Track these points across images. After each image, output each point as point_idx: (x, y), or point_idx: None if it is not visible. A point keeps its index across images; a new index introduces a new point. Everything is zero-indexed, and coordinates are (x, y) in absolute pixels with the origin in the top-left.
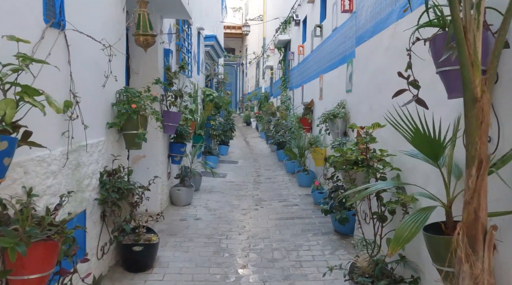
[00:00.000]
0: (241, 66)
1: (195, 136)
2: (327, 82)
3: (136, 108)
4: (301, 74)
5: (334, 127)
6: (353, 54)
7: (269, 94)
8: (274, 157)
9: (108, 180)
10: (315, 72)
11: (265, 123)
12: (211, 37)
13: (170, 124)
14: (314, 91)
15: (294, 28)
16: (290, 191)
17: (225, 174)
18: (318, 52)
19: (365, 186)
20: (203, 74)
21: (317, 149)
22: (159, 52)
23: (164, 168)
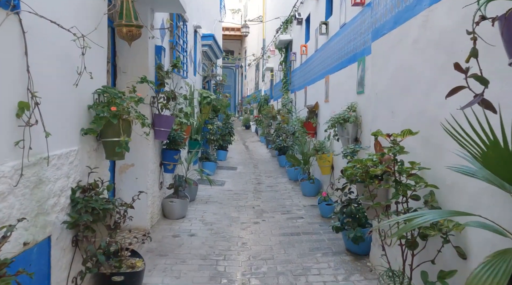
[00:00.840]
0: (240, 69)
1: (191, 141)
2: (334, 84)
3: (117, 111)
4: (304, 76)
5: (344, 132)
6: (365, 52)
7: (269, 97)
8: (275, 162)
9: (82, 197)
10: (320, 73)
11: (265, 127)
12: (208, 36)
13: (161, 130)
14: (319, 94)
15: (296, 28)
16: (293, 201)
17: (224, 182)
18: (323, 51)
19: (406, 217)
20: (200, 76)
21: (324, 156)
22: (149, 49)
23: (155, 178)
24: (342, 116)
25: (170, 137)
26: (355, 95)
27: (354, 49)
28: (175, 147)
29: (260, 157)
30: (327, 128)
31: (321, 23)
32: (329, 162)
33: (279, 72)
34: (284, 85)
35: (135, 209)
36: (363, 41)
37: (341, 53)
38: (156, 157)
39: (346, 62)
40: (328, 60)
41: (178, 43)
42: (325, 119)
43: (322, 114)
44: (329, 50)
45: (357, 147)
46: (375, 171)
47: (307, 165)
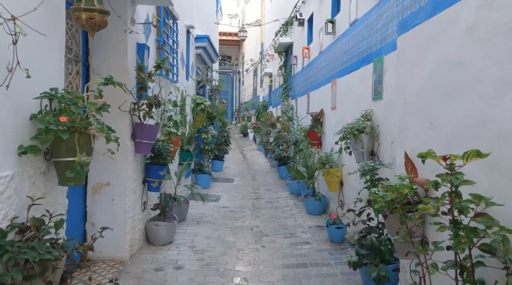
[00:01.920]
0: (237, 75)
1: (183, 152)
2: (343, 89)
3: (69, 123)
4: (306, 80)
5: (358, 145)
6: (383, 51)
7: (268, 103)
8: (274, 173)
9: (18, 241)
10: (325, 77)
11: (264, 135)
12: (203, 37)
13: (144, 142)
14: (324, 100)
15: (297, 29)
16: (297, 220)
17: (219, 197)
18: (329, 53)
19: None
20: (193, 80)
21: (332, 171)
22: (129, 47)
23: (136, 198)
24: (356, 127)
25: (155, 151)
26: (370, 102)
27: (368, 48)
28: (161, 161)
29: (258, 167)
30: (338, 140)
31: (327, 21)
32: (338, 178)
33: (278, 77)
34: (284, 91)
35: (111, 237)
36: (381, 38)
37: (351, 54)
38: (138, 173)
39: (357, 64)
40: (335, 62)
41: (167, 43)
42: (331, 128)
43: (328, 123)
44: (336, 52)
45: (377, 164)
46: (426, 209)
47: (311, 179)
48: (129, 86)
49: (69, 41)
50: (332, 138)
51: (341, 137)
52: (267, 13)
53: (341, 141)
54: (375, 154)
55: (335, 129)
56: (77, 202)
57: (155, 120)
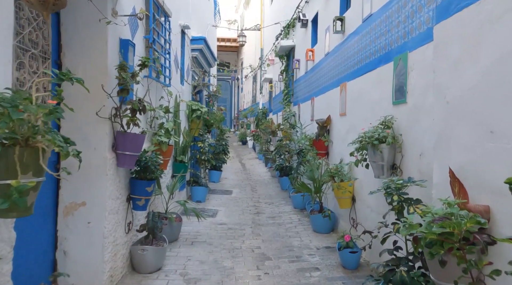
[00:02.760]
0: (236, 81)
1: (176, 164)
2: (355, 92)
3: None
4: (310, 85)
5: (377, 157)
6: (406, 47)
7: (268, 110)
8: (275, 184)
9: None
10: (333, 80)
11: (264, 144)
12: (199, 39)
13: (126, 154)
14: (332, 105)
15: (299, 31)
16: (303, 240)
17: (216, 211)
18: (337, 54)
19: None
20: (189, 85)
21: (343, 185)
22: (110, 43)
23: (118, 219)
24: (375, 136)
25: (141, 163)
26: (390, 107)
27: (386, 45)
28: (148, 176)
29: (258, 178)
30: (354, 151)
31: (335, 19)
32: (350, 193)
33: (279, 83)
34: (286, 97)
35: (87, 266)
36: (404, 32)
37: (364, 54)
38: (121, 190)
39: (372, 64)
40: (345, 64)
41: (157, 41)
42: (340, 137)
43: (337, 131)
44: (346, 52)
45: (406, 181)
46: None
47: (319, 193)
48: (109, 88)
49: (33, 34)
50: (341, 148)
51: (358, 148)
52: (267, 17)
53: (357, 152)
54: (397, 167)
55: (345, 138)
56: (45, 225)
57: (142, 128)
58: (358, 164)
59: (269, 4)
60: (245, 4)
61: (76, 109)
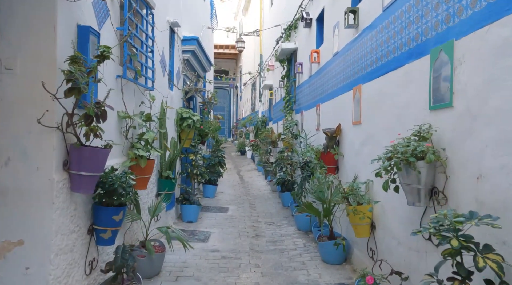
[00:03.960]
0: (235, 89)
1: (162, 180)
2: (373, 96)
3: None
4: (315, 90)
5: (411, 179)
6: (450, 34)
7: (268, 118)
8: (276, 200)
9: None
10: (344, 83)
11: (263, 154)
12: (191, 39)
13: (83, 175)
14: (342, 112)
15: (302, 32)
16: (310, 274)
17: (208, 234)
18: (349, 53)
19: None
20: (179, 90)
21: (361, 209)
22: (60, 28)
23: (74, 259)
24: (409, 151)
25: (106, 185)
26: (425, 113)
27: (419, 35)
28: (116, 201)
29: (257, 192)
30: (379, 171)
31: (347, 11)
32: (369, 219)
33: (279, 90)
34: (287, 104)
35: None
36: (446, 15)
37: (385, 49)
38: (78, 220)
39: (399, 60)
40: (359, 63)
41: (136, 36)
42: (354, 149)
43: (349, 142)
44: (361, 49)
45: (469, 217)
46: None
47: (329, 216)
48: (56, 86)
49: None
50: (354, 162)
51: (386, 167)
52: (267, 22)
53: (386, 172)
54: (438, 192)
55: (359, 151)
56: None
57: (106, 140)
58: (387, 187)
59: (268, 8)
60: (244, 11)
61: (12, 115)
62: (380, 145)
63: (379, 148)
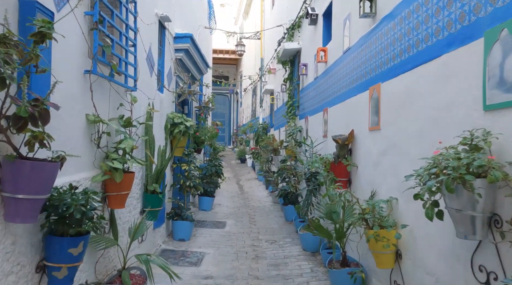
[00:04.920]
0: (235, 95)
1: (148, 195)
2: (398, 95)
3: None
4: (322, 93)
5: (464, 203)
6: None
7: (269, 125)
8: (278, 213)
9: None
10: (357, 82)
11: (264, 163)
12: (184, 37)
13: (19, 198)
14: (355, 116)
15: (307, 30)
16: None
17: (201, 256)
18: (364, 47)
19: None
20: (171, 93)
21: (385, 234)
22: None
23: None
24: (461, 166)
25: (59, 210)
26: (479, 115)
27: (465, 16)
28: (72, 230)
29: (258, 204)
30: (422, 191)
31: None
32: (394, 246)
33: (281, 94)
34: (290, 109)
35: None
36: None
37: (415, 38)
38: (19, 257)
39: (435, 50)
40: (377, 58)
41: (112, 24)
42: (371, 160)
43: (365, 151)
44: (380, 41)
45: None
46: None
47: (342, 239)
48: None
49: None
50: (372, 175)
51: (430, 187)
52: (267, 25)
53: (429, 193)
54: (501, 222)
55: (378, 162)
56: None
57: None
58: (432, 214)
59: (269, 9)
60: (245, 14)
61: None
62: (408, 156)
63: (406, 159)
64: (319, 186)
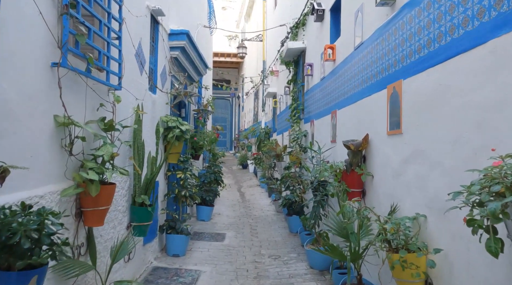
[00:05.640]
0: (237, 100)
1: (135, 208)
2: (425, 93)
3: None
4: (330, 94)
5: None
6: None
7: (272, 129)
8: (281, 223)
9: None
10: (372, 81)
11: (266, 169)
12: (180, 33)
13: None
14: (369, 119)
15: (312, 28)
16: None
17: (197, 275)
18: (379, 41)
19: None
20: (165, 94)
21: (412, 259)
22: None
23: None
24: None
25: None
26: None
27: None
28: (20, 263)
29: (260, 213)
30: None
31: None
32: (423, 275)
33: (285, 97)
34: (294, 113)
35: None
36: None
37: (448, 24)
38: None
39: (479, 35)
40: (397, 51)
41: (88, 10)
42: (391, 168)
43: (383, 158)
44: (401, 33)
45: None
46: None
47: (358, 260)
48: None
49: None
50: (392, 186)
51: (494, 210)
52: (270, 26)
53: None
54: None
55: (400, 171)
56: None
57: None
58: (498, 248)
59: (272, 10)
60: (246, 17)
61: None
62: (439, 166)
63: (437, 170)
64: (327, 196)
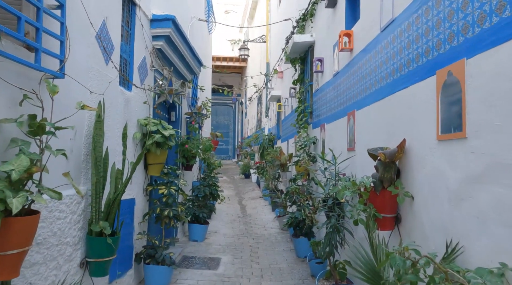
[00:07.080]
0: (240, 106)
1: (92, 239)
2: (510, 77)
3: None
4: (346, 92)
5: None
6: None
7: (276, 136)
8: (286, 245)
9: None
10: (413, 67)
11: (270, 180)
12: (164, 19)
13: None
14: (405, 119)
15: (323, 17)
16: None
17: None
18: (421, 13)
19: None
20: (145, 91)
21: None
22: None
23: None
24: None
25: None
26: None
27: None
28: None
29: (262, 231)
30: None
31: None
32: None
33: (290, 100)
34: (301, 116)
35: None
36: None
37: None
38: None
39: None
40: (454, 21)
41: None
42: (445, 189)
43: (430, 174)
44: None
45: None
46: None
47: None
48: None
49: None
50: (447, 216)
51: None
52: (274, 27)
53: None
54: None
55: (463, 194)
56: None
57: None
58: None
59: (276, 9)
60: (250, 19)
61: None
62: None
63: None
64: (343, 219)
